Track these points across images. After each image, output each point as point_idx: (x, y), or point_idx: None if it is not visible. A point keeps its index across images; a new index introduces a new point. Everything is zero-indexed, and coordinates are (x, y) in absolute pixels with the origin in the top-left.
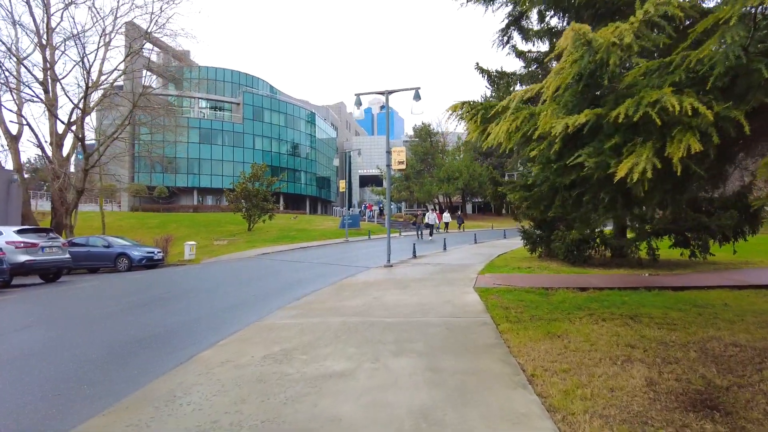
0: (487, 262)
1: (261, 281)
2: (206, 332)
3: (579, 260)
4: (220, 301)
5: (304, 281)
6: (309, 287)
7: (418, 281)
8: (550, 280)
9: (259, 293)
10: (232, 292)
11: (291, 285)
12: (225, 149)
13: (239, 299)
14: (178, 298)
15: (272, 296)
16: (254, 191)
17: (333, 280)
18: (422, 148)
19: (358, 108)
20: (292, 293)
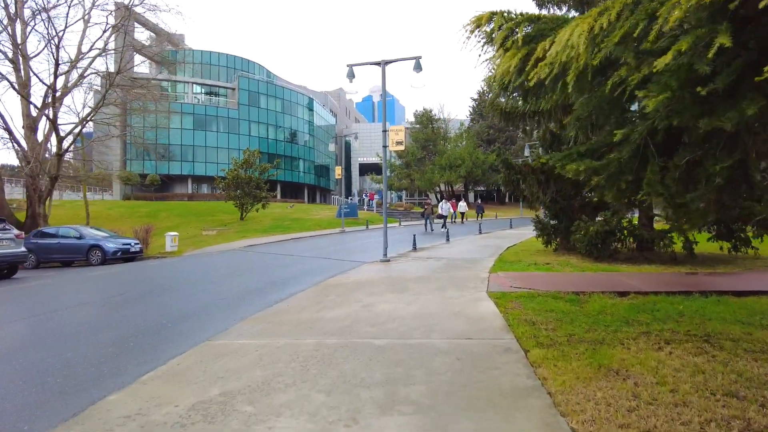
0: (497, 257)
1: (236, 279)
2: (131, 359)
3: (603, 254)
4: (177, 307)
5: (285, 280)
6: (289, 288)
7: (418, 281)
8: (577, 280)
9: (229, 295)
10: (198, 293)
11: (269, 285)
12: (220, 136)
13: (201, 304)
14: (127, 303)
15: (241, 301)
16: (246, 178)
17: (319, 278)
18: (423, 134)
19: (350, 81)
20: (266, 297)
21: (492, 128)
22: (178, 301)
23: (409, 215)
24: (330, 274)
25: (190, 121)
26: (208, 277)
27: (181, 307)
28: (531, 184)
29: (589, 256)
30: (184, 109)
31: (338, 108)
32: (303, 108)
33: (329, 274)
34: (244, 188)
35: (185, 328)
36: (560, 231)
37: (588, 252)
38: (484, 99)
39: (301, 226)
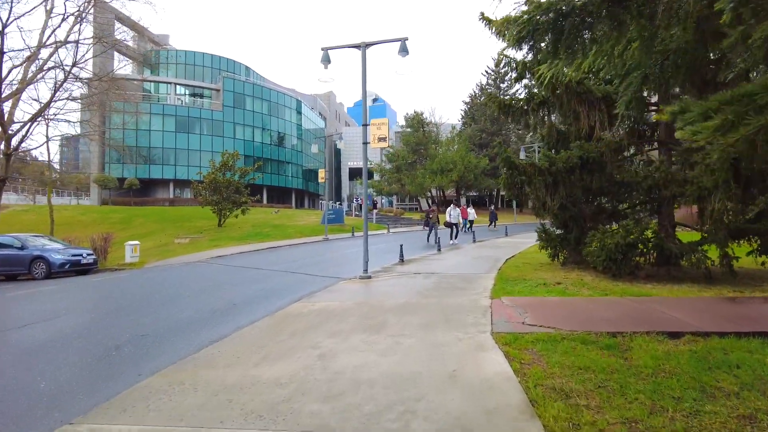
0: (497, 272)
1: (180, 303)
2: None
3: (623, 271)
4: (72, 352)
5: (237, 305)
6: (235, 319)
7: (400, 312)
8: (604, 310)
9: (154, 330)
10: (120, 325)
11: (213, 313)
12: (203, 138)
13: (108, 346)
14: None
15: (163, 341)
16: (225, 182)
17: (279, 303)
18: (414, 138)
19: (325, 67)
20: (199, 333)
21: (484, 132)
22: (79, 344)
23: (399, 221)
24: (294, 297)
25: (172, 123)
26: (149, 300)
27: (78, 353)
28: (538, 188)
29: (606, 272)
30: (166, 110)
31: (328, 111)
32: (291, 110)
33: (294, 296)
34: (223, 193)
35: (49, 393)
36: (569, 242)
37: (605, 268)
38: (476, 102)
39: (282, 234)
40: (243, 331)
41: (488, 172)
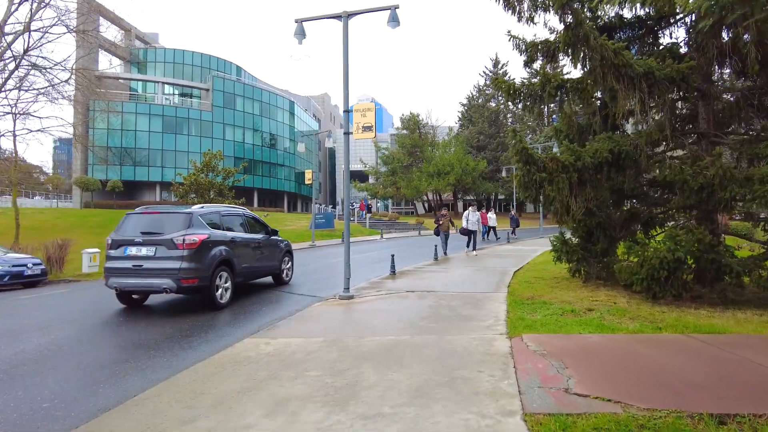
0: (506, 290)
1: (105, 334)
2: None
3: (668, 291)
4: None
5: (170, 340)
6: (150, 369)
7: (383, 361)
8: (678, 360)
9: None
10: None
11: (130, 354)
12: (191, 139)
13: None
14: None
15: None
16: (207, 184)
17: (225, 340)
18: (410, 139)
19: (300, 42)
20: (85, 400)
21: (482, 134)
22: None
23: (394, 226)
24: (252, 327)
25: (159, 124)
26: (74, 323)
27: None
28: (561, 188)
29: (645, 292)
30: (153, 110)
31: (322, 113)
32: (283, 112)
33: (252, 326)
34: (205, 195)
35: None
36: (594, 255)
37: (646, 288)
38: (473, 104)
39: None
40: (145, 394)
41: (486, 176)
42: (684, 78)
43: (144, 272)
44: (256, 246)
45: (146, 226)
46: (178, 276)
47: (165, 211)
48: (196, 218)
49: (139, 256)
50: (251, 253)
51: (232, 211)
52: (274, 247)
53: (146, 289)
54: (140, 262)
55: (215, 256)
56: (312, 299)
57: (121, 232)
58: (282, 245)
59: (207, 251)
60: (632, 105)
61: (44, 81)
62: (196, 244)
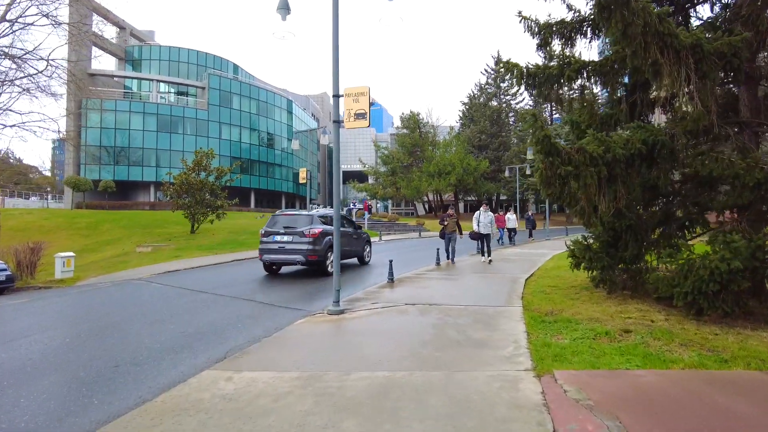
0: (521, 302)
1: (40, 368)
2: None
3: (719, 308)
4: None
5: (99, 378)
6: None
7: (373, 410)
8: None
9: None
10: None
11: (65, 396)
12: (187, 138)
13: None
14: None
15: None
16: (198, 184)
17: (182, 369)
18: (410, 139)
19: (283, 18)
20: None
21: (484, 133)
22: None
23: (393, 227)
24: (217, 353)
25: (153, 122)
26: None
27: None
28: (589, 184)
29: (687, 308)
30: (147, 108)
31: (321, 112)
32: (281, 110)
33: (217, 350)
34: (196, 195)
35: None
36: (622, 262)
37: (689, 303)
38: (474, 103)
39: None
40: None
41: (488, 176)
42: (736, 53)
43: (285, 251)
44: (349, 236)
45: (286, 223)
46: (306, 254)
47: (297, 213)
48: (315, 218)
49: (282, 242)
50: (346, 241)
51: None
52: (359, 238)
53: (286, 262)
54: (283, 245)
55: (326, 242)
56: (296, 313)
57: (270, 226)
58: (364, 236)
59: (322, 239)
60: (676, 86)
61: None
62: (316, 234)
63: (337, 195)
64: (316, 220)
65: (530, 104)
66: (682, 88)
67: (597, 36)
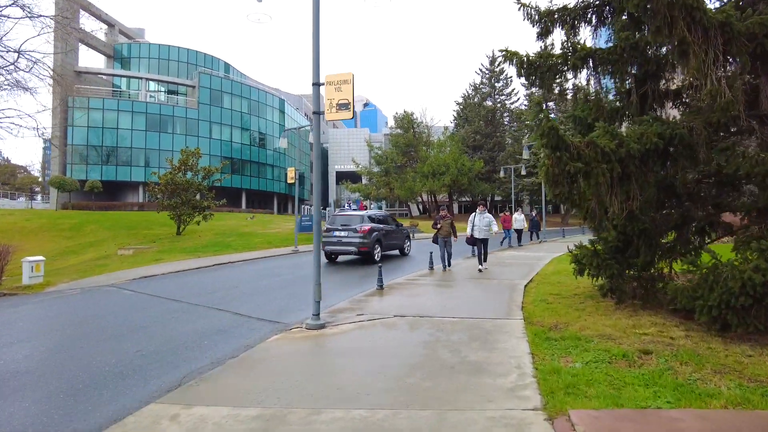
0: (521, 314)
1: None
2: None
3: (750, 325)
4: None
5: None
6: None
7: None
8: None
9: None
10: None
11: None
12: (176, 138)
13: None
14: None
15: None
16: (184, 184)
17: (115, 406)
18: (404, 139)
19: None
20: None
21: (478, 133)
22: None
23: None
24: (170, 380)
25: (142, 121)
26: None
27: None
28: (600, 182)
29: (711, 323)
30: (136, 107)
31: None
32: (273, 110)
33: (172, 376)
34: (182, 196)
35: None
36: (633, 268)
37: (714, 317)
38: (469, 103)
39: (246, 244)
40: None
41: (483, 176)
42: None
43: (342, 244)
44: (392, 231)
45: (342, 221)
46: (358, 246)
47: (351, 213)
48: (365, 217)
49: (340, 236)
50: (389, 235)
51: (380, 213)
52: (400, 233)
53: (343, 252)
54: (340, 238)
55: (375, 236)
56: (272, 327)
57: (330, 224)
58: (405, 232)
59: (371, 234)
60: (704, 71)
61: None
62: (366, 231)
63: (317, 193)
64: (366, 219)
65: (525, 104)
66: (710, 73)
67: (603, 23)
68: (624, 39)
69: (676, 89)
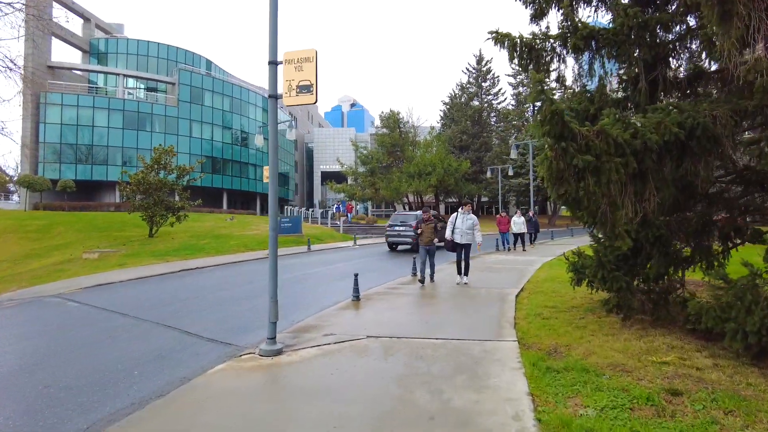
0: (515, 333)
1: None
2: None
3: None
4: None
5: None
6: None
7: None
8: None
9: None
10: None
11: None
12: (155, 136)
13: None
14: None
15: None
16: (157, 183)
17: None
18: (390, 139)
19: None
20: None
21: (465, 133)
22: None
23: (371, 230)
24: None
25: (119, 119)
26: None
27: None
28: (613, 180)
29: (745, 351)
30: (113, 104)
31: (299, 111)
32: (256, 108)
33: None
34: (154, 196)
35: None
36: (644, 279)
37: (750, 344)
38: (456, 102)
39: (220, 247)
40: None
41: (469, 177)
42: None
43: (401, 236)
44: (437, 227)
45: (402, 219)
46: (412, 238)
47: (408, 213)
48: (419, 216)
49: (399, 231)
50: (438, 232)
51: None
52: (444, 228)
53: (401, 243)
54: (399, 232)
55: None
56: (221, 351)
57: (392, 221)
58: None
59: None
60: (748, 38)
61: None
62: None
63: (273, 192)
64: (420, 217)
65: (512, 104)
66: (759, 42)
67: (604, 2)
68: (632, 16)
69: (688, 77)
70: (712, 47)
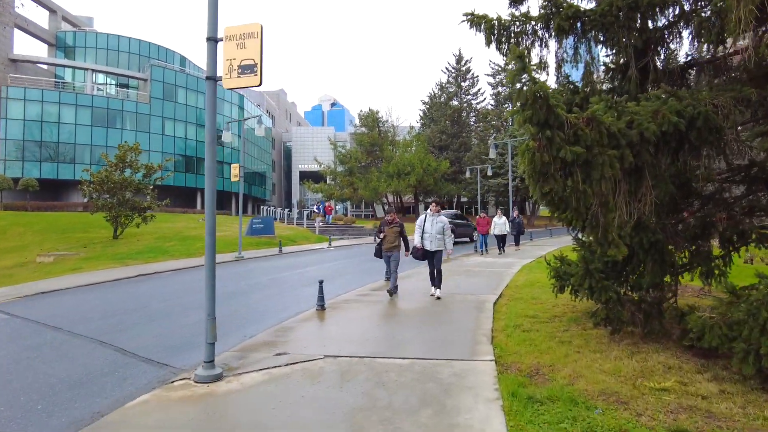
0: (492, 351)
1: None
2: None
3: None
4: None
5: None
6: None
7: None
8: None
9: None
10: None
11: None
12: (126, 134)
13: None
14: None
15: None
16: (121, 182)
17: None
18: (369, 138)
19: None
20: None
21: (444, 133)
22: None
23: (348, 231)
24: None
25: (87, 116)
26: None
27: None
28: (607, 176)
29: (759, 374)
30: (80, 100)
31: (277, 110)
32: (232, 106)
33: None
34: (118, 195)
35: None
36: (635, 288)
37: (767, 366)
38: (435, 102)
39: (186, 250)
40: None
41: (449, 177)
42: None
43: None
44: (462, 225)
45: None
46: None
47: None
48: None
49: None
50: (460, 227)
51: (455, 212)
52: (467, 227)
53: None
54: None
55: (452, 229)
56: (153, 375)
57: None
58: (471, 225)
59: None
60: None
61: None
62: None
63: (211, 192)
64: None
65: (491, 104)
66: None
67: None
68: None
69: (682, 65)
70: (711, 29)
